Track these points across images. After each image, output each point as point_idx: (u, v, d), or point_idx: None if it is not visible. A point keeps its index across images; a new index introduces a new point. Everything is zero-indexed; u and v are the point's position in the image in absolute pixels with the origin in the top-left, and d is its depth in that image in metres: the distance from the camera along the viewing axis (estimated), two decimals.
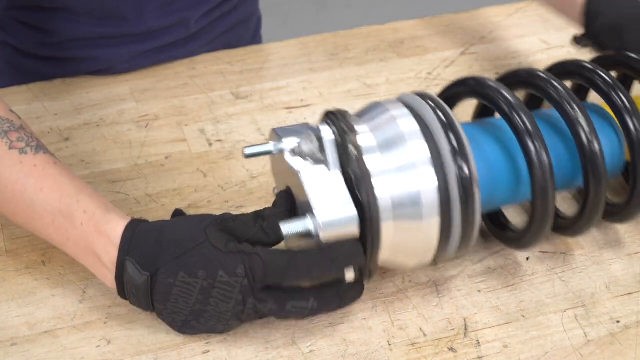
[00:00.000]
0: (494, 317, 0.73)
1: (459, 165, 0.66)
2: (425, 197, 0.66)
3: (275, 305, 0.66)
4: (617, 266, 0.78)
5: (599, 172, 0.70)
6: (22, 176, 0.71)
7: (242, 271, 0.65)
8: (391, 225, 0.67)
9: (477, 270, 0.77)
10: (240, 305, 0.66)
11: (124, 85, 1.00)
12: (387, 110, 0.70)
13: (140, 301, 0.68)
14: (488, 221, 0.79)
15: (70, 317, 0.72)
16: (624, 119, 0.73)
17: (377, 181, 0.66)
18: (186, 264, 0.66)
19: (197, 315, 0.67)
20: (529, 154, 0.68)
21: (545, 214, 0.70)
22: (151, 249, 0.67)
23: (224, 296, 0.66)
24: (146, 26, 1.01)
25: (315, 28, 2.57)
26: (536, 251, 0.79)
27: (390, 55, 1.06)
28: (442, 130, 0.67)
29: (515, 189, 0.73)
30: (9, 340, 0.70)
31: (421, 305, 0.74)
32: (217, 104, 0.97)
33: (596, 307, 0.74)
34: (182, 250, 0.66)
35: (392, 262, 0.70)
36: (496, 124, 0.75)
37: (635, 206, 0.75)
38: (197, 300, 0.66)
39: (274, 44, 1.08)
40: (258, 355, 0.70)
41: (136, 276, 0.67)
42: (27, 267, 0.76)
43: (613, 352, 0.71)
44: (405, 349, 0.70)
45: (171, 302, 0.67)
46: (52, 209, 0.70)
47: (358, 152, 0.67)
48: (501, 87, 0.72)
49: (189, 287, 0.66)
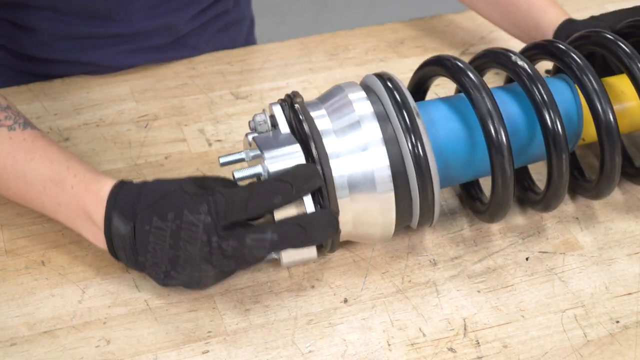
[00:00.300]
0: (494, 317, 0.73)
1: (412, 143, 0.70)
2: (379, 175, 0.71)
3: (236, 242, 0.67)
4: (617, 266, 0.78)
5: (560, 147, 0.73)
6: (12, 150, 0.74)
7: (205, 209, 0.66)
8: (348, 201, 0.71)
9: (476, 270, 0.77)
10: (206, 246, 0.67)
11: (123, 85, 1.00)
12: (345, 95, 0.74)
13: (128, 255, 0.70)
14: (464, 191, 0.83)
15: (69, 317, 0.72)
16: (593, 101, 0.75)
17: (333, 163, 0.70)
18: (159, 208, 0.68)
19: (174, 264, 0.69)
20: (488, 134, 0.71)
21: (505, 187, 0.72)
22: (132, 200, 0.70)
23: (190, 237, 0.67)
24: (134, 27, 1.01)
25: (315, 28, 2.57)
26: (536, 251, 0.79)
27: (390, 55, 1.06)
28: (394, 110, 0.72)
29: (473, 164, 0.76)
30: (9, 340, 0.70)
31: (421, 306, 0.74)
32: (216, 104, 0.97)
33: (596, 307, 0.74)
34: (157, 198, 0.69)
35: (357, 235, 0.74)
36: (461, 100, 0.78)
37: (604, 183, 0.78)
38: (170, 245, 0.68)
39: (274, 44, 1.08)
40: (257, 355, 0.70)
41: (121, 227, 0.69)
42: (27, 267, 0.76)
43: (613, 352, 0.71)
44: (404, 349, 0.70)
45: (150, 252, 0.69)
46: (42, 177, 0.73)
47: (306, 114, 0.72)
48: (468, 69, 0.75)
49: (162, 232, 0.68)
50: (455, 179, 0.78)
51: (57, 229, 0.80)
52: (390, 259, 0.78)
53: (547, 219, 0.82)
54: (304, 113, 0.72)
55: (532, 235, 0.81)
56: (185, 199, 0.68)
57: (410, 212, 0.74)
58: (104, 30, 1.00)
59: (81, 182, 0.72)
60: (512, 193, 0.73)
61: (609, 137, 0.75)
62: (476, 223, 0.82)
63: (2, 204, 0.82)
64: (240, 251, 0.67)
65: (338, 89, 0.75)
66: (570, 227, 0.81)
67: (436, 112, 0.77)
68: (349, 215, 0.72)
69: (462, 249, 0.79)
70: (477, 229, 0.81)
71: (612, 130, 0.74)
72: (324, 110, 0.73)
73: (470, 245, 0.80)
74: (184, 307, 0.73)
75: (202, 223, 0.67)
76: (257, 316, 0.73)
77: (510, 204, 0.74)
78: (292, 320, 0.73)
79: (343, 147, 0.71)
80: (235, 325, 0.72)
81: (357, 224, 0.73)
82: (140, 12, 1.00)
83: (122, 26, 1.00)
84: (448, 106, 0.77)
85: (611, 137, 0.74)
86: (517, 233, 0.81)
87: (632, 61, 0.77)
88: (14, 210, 0.82)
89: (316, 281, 0.76)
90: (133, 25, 1.00)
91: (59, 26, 0.99)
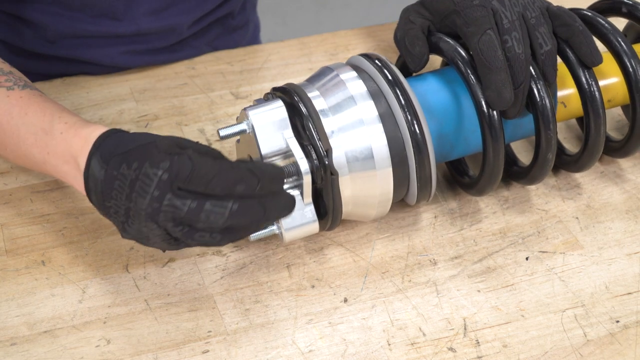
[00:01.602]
0: (494, 316, 0.73)
1: (407, 118, 0.72)
2: (377, 151, 0.72)
3: (195, 203, 0.64)
4: (617, 266, 0.78)
5: (547, 117, 0.75)
6: (9, 107, 0.76)
7: (166, 165, 0.64)
8: (348, 179, 0.72)
9: (476, 270, 0.77)
10: (156, 202, 0.64)
11: (123, 85, 1.00)
12: (336, 75, 0.75)
13: (98, 199, 0.68)
14: (450, 168, 0.85)
15: (69, 317, 0.72)
16: (623, 60, 0.78)
17: (331, 141, 0.72)
18: (128, 156, 0.66)
19: (127, 215, 0.66)
20: (479, 105, 0.73)
21: (495, 161, 0.74)
22: (113, 146, 0.68)
23: (142, 189, 0.65)
24: (137, 28, 1.01)
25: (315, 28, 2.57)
26: (536, 251, 0.79)
27: (390, 55, 1.06)
28: (389, 87, 0.73)
29: (464, 137, 0.78)
30: (9, 340, 0.70)
31: (421, 305, 0.74)
32: (216, 104, 0.97)
33: (595, 307, 0.74)
34: (133, 146, 0.67)
35: (355, 213, 0.76)
36: (446, 73, 0.79)
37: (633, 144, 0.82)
38: (126, 195, 0.66)
39: (274, 44, 1.08)
40: (257, 355, 0.70)
41: (97, 170, 0.68)
42: (27, 267, 0.77)
43: (612, 352, 0.71)
44: (404, 349, 0.70)
45: (113, 199, 0.67)
46: (35, 128, 0.74)
47: (301, 94, 0.73)
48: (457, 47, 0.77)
49: (124, 180, 0.66)
50: (447, 154, 0.79)
51: (57, 228, 0.80)
52: (390, 259, 0.78)
53: (547, 219, 0.82)
54: (299, 93, 0.73)
55: (532, 235, 0.81)
56: (152, 151, 0.66)
57: (406, 187, 0.75)
58: (107, 30, 1.00)
59: (71, 128, 0.72)
60: (502, 163, 0.75)
61: (593, 107, 0.76)
62: (476, 223, 0.82)
63: (2, 204, 0.82)
64: (196, 214, 0.64)
65: (327, 70, 0.76)
66: (570, 227, 0.81)
67: (424, 87, 0.78)
68: (347, 192, 0.73)
69: (462, 249, 0.79)
70: (477, 229, 0.81)
71: (597, 102, 0.76)
72: (317, 91, 0.74)
73: (470, 245, 0.80)
74: (184, 307, 0.73)
75: (157, 178, 0.64)
76: (257, 316, 0.73)
77: (500, 175, 0.76)
78: (292, 320, 0.73)
79: (340, 126, 0.72)
80: (235, 324, 0.72)
81: (356, 201, 0.74)
82: (145, 14, 1.00)
83: (126, 26, 1.00)
84: (437, 80, 0.79)
85: (596, 107, 0.76)
86: (517, 233, 0.81)
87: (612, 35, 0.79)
88: (14, 210, 0.82)
89: (316, 281, 0.76)
90: (137, 26, 1.01)
91: (64, 22, 0.99)
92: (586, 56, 0.76)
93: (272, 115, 0.72)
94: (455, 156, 0.80)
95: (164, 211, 0.64)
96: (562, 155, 0.84)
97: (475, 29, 0.74)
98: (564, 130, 0.93)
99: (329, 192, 0.72)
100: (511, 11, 0.75)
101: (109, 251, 0.78)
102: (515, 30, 0.74)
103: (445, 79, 0.79)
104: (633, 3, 0.84)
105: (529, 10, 0.76)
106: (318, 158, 0.71)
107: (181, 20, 1.04)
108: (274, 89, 0.76)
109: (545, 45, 0.75)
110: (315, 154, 0.72)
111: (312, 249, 0.79)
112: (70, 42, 1.01)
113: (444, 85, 0.78)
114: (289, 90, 0.74)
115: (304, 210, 0.72)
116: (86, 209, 0.82)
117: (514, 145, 0.88)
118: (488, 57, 0.73)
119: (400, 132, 0.73)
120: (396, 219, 0.82)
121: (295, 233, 0.73)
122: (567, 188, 0.85)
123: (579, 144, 0.91)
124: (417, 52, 0.78)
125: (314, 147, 0.72)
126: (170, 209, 0.64)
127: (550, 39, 0.76)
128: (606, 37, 0.79)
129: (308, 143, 0.72)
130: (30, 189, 0.84)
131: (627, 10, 0.84)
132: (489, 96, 0.73)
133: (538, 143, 0.76)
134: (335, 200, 0.73)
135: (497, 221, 0.82)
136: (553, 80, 0.76)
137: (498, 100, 0.73)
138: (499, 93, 0.72)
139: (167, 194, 0.64)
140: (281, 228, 0.72)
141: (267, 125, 0.72)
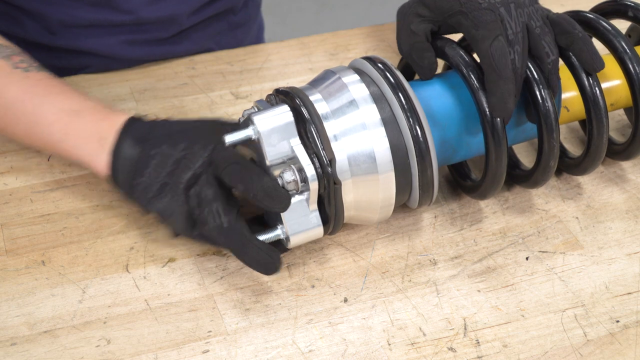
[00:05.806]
0: (494, 316, 0.73)
1: (410, 123, 0.71)
2: (379, 155, 0.72)
3: (211, 191, 0.71)
4: (617, 266, 0.78)
5: (550, 125, 0.74)
6: (29, 87, 0.79)
7: (210, 149, 0.72)
8: (350, 183, 0.72)
9: (476, 269, 0.77)
10: (193, 179, 0.72)
11: (123, 85, 1.00)
12: (338, 78, 0.74)
13: (124, 177, 0.73)
14: (453, 171, 0.85)
15: (69, 317, 0.72)
16: (625, 63, 0.78)
17: (334, 145, 0.71)
18: (173, 137, 0.73)
19: (160, 190, 0.72)
20: (483, 111, 0.73)
21: (498, 165, 0.74)
22: (149, 129, 0.75)
23: (186, 165, 0.72)
24: (136, 16, 1.01)
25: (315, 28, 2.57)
26: (536, 251, 0.79)
27: (390, 55, 1.06)
28: (392, 92, 0.72)
29: (469, 142, 0.78)
30: (9, 340, 0.70)
31: (421, 305, 0.74)
32: (216, 104, 0.97)
33: (595, 307, 0.74)
34: (175, 129, 0.75)
35: (357, 217, 0.75)
36: (449, 77, 0.79)
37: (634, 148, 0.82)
38: (168, 172, 0.72)
39: (274, 44, 1.08)
40: (258, 355, 0.70)
41: (128, 150, 0.74)
42: (27, 267, 0.77)
43: (613, 352, 0.71)
44: (404, 349, 0.70)
45: (145, 176, 0.73)
46: (56, 109, 0.77)
47: (303, 98, 0.73)
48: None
49: (166, 159, 0.72)
50: (449, 158, 0.79)
51: (57, 228, 0.80)
52: (390, 259, 0.78)
53: (547, 218, 0.82)
54: (301, 97, 0.73)
55: (532, 235, 0.81)
56: (204, 136, 0.73)
57: (408, 191, 0.75)
58: (106, 18, 1.01)
59: (99, 112, 0.77)
60: (505, 167, 0.75)
61: (596, 112, 0.76)
62: (476, 223, 0.82)
63: (2, 204, 0.82)
64: (210, 203, 0.71)
65: (330, 73, 0.76)
66: (571, 227, 0.82)
67: (428, 92, 0.78)
68: (349, 197, 0.72)
69: (462, 249, 0.79)
70: (477, 229, 0.81)
71: (600, 108, 0.76)
72: (319, 95, 0.74)
73: (470, 245, 0.80)
74: (184, 307, 0.73)
75: (202, 158, 0.72)
76: (257, 316, 0.73)
77: (502, 179, 0.76)
78: (292, 319, 0.73)
79: (342, 130, 0.72)
80: (235, 324, 0.72)
81: (358, 206, 0.73)
82: (144, 3, 1.01)
83: (125, 15, 1.01)
84: (440, 84, 0.78)
85: (599, 112, 0.76)
86: (517, 233, 0.81)
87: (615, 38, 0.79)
88: (14, 210, 0.82)
89: (316, 281, 0.76)
90: (136, 14, 1.01)
91: (63, 11, 0.99)
92: (587, 62, 0.76)
93: (278, 121, 0.71)
94: (457, 160, 0.80)
95: (195, 193, 0.71)
96: (564, 159, 0.84)
97: (486, 32, 0.73)
98: (566, 131, 0.93)
99: (332, 200, 0.72)
100: (516, 22, 0.74)
101: (109, 251, 0.78)
102: (517, 44, 0.74)
103: (448, 83, 0.78)
104: (638, 6, 0.84)
105: (534, 19, 0.75)
106: (321, 167, 0.71)
107: (180, 9, 1.04)
108: (276, 91, 0.76)
109: (552, 55, 0.75)
110: (318, 162, 0.71)
111: (312, 249, 0.79)
112: (70, 32, 1.01)
113: (447, 90, 0.78)
114: (291, 94, 0.74)
115: (309, 216, 0.72)
116: (86, 209, 0.82)
117: (516, 148, 0.88)
118: (499, 64, 0.72)
119: (403, 137, 0.72)
120: (396, 219, 0.82)
121: (301, 238, 0.73)
122: (567, 188, 0.86)
123: (581, 146, 0.91)
124: (427, 64, 0.78)
125: (317, 156, 0.71)
126: (201, 189, 0.71)
127: (555, 47, 0.75)
128: (609, 40, 0.79)
129: (312, 151, 0.71)
130: (30, 189, 0.84)
131: (633, 14, 0.83)
132: (494, 103, 0.72)
133: (541, 149, 0.75)
134: (338, 208, 0.72)
135: (497, 221, 0.82)
136: (557, 89, 0.76)
137: (502, 109, 0.72)
138: (505, 102, 0.72)
139: (204, 174, 0.71)
140: (287, 233, 0.72)
141: (273, 132, 0.71)
